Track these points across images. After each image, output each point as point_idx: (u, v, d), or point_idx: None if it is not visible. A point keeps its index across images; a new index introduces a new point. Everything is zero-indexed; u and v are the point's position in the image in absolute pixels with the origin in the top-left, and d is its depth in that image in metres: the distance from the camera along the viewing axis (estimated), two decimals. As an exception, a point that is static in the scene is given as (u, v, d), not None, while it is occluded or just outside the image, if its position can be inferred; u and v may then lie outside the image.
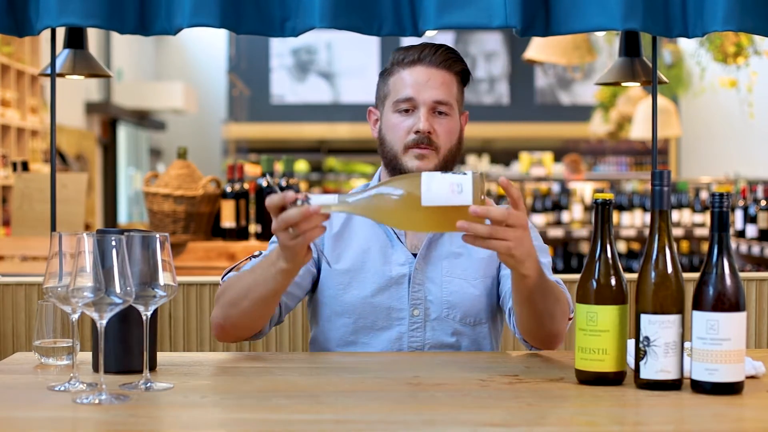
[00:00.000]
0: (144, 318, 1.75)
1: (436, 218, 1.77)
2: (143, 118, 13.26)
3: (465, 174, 1.76)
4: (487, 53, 14.12)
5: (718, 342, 1.64)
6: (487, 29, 2.56)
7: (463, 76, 2.25)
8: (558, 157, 10.91)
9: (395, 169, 2.19)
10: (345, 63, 14.09)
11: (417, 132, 2.15)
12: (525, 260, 1.81)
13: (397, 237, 2.20)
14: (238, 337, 2.11)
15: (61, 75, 2.90)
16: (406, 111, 2.18)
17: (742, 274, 2.14)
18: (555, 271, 7.74)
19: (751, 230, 5.92)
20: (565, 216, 7.19)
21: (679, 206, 7.09)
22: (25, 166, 6.08)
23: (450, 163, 2.19)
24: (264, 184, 4.14)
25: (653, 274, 1.70)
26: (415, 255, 2.19)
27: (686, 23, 2.50)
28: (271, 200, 1.80)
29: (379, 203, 1.79)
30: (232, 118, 14.15)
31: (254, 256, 2.19)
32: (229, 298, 2.04)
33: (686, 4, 2.49)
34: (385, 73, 2.26)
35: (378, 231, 2.22)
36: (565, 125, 13.62)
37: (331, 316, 2.20)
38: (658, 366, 1.68)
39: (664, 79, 3.02)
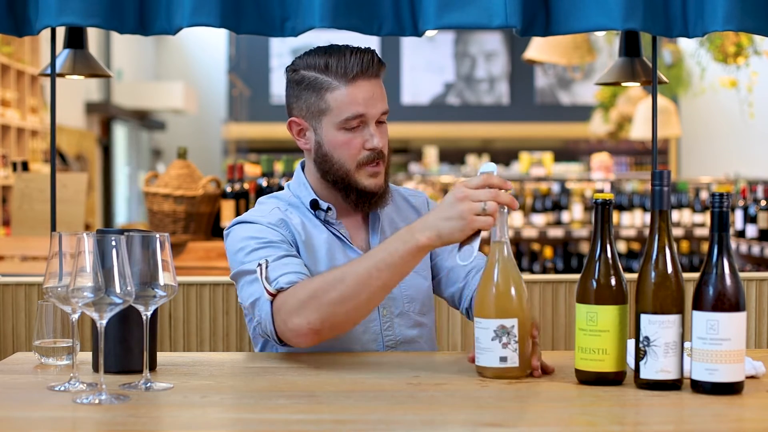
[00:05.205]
0: (144, 318, 1.75)
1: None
2: (143, 118, 13.26)
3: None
4: (487, 53, 14.11)
5: (718, 342, 1.64)
6: (487, 29, 2.54)
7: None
8: (558, 157, 10.89)
9: (345, 187, 2.12)
10: (345, 63, 14.05)
11: (371, 149, 2.10)
12: None
13: (345, 238, 2.16)
14: (329, 337, 1.96)
15: (61, 75, 2.90)
16: (355, 127, 2.10)
17: (742, 274, 2.14)
18: (555, 271, 7.68)
19: (751, 230, 5.92)
20: (565, 216, 7.18)
21: (679, 206, 7.09)
22: (25, 166, 6.08)
23: (389, 161, 2.16)
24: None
25: (653, 274, 1.69)
26: None
27: (686, 23, 2.51)
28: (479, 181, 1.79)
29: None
30: (232, 118, 14.14)
31: (260, 265, 2.12)
32: (334, 297, 1.87)
33: (686, 4, 2.49)
34: (315, 86, 2.10)
35: (329, 234, 2.16)
36: (565, 125, 13.61)
37: None
38: (658, 366, 1.68)
39: (664, 79, 3.02)
